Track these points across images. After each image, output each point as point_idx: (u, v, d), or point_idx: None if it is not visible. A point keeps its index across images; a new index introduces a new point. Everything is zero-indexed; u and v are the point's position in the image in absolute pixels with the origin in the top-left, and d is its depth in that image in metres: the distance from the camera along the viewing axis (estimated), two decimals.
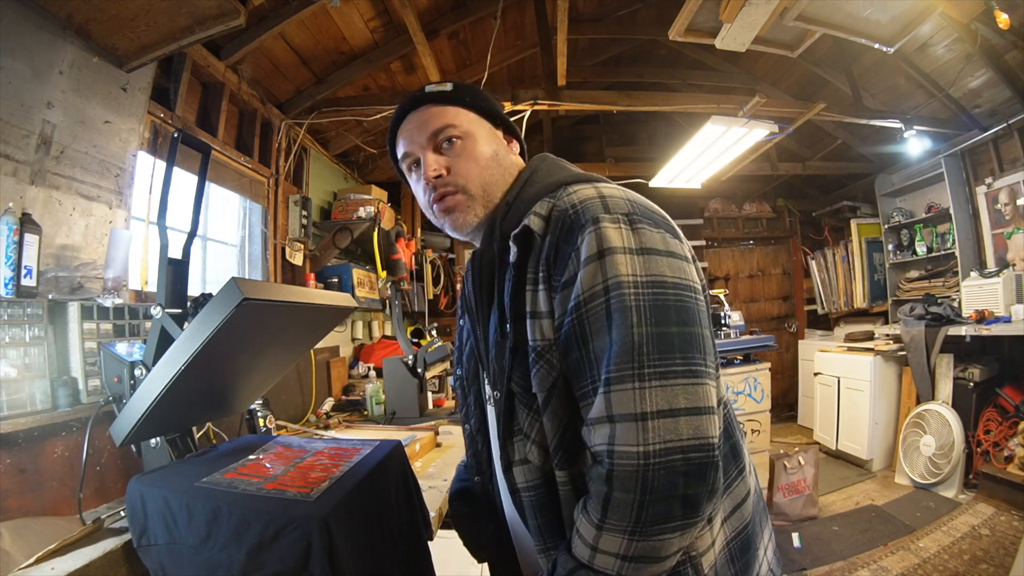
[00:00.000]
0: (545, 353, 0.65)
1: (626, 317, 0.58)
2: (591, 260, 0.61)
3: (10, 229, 1.21)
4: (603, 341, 0.59)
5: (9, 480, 1.18)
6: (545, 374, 0.65)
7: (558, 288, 0.64)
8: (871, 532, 2.83)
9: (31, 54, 1.34)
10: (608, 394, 0.57)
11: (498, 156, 0.79)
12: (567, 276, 0.63)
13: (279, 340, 1.26)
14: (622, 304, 0.59)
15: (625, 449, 0.55)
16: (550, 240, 0.65)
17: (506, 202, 0.75)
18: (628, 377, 0.57)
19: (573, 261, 0.62)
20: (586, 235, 0.62)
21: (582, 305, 0.61)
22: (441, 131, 0.77)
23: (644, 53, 4.14)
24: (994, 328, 3.18)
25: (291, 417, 2.42)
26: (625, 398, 0.56)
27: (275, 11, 2.14)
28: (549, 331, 0.65)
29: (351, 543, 0.84)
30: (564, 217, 0.65)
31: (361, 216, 3.20)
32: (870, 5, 1.95)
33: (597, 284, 0.60)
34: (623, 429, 0.56)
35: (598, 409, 0.58)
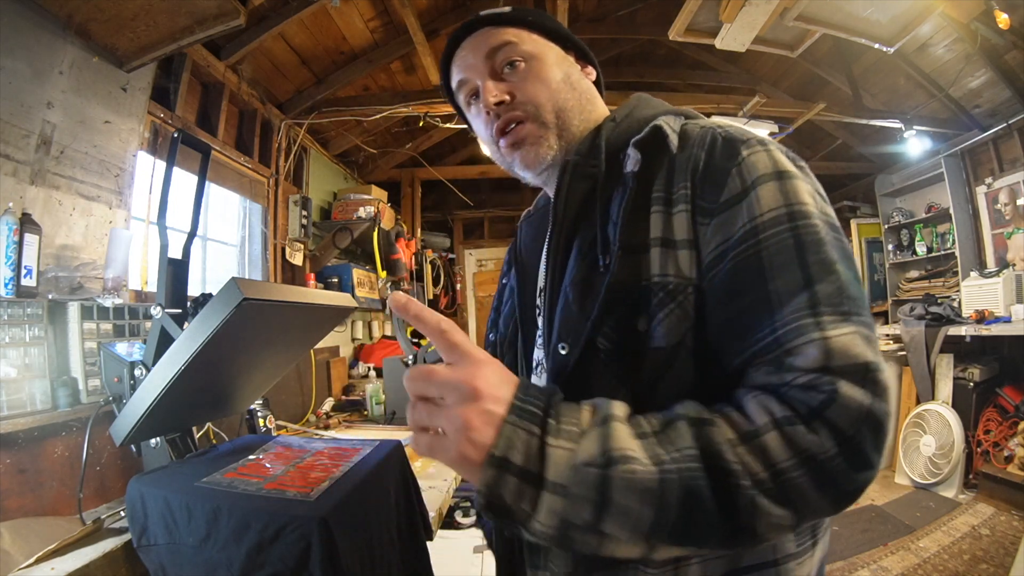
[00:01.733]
0: (679, 294, 0.49)
1: (825, 251, 0.46)
2: (767, 179, 0.49)
3: (10, 229, 1.21)
4: (792, 278, 0.45)
5: (9, 480, 1.18)
6: (677, 321, 0.49)
7: (713, 211, 0.50)
8: (871, 532, 2.83)
9: (31, 54, 1.34)
10: (826, 340, 0.42)
11: (571, 79, 0.65)
12: (728, 194, 0.49)
13: (279, 340, 1.26)
14: (817, 236, 0.46)
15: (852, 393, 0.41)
16: (695, 154, 0.53)
17: (611, 119, 0.63)
18: (844, 320, 0.43)
19: (737, 176, 0.49)
20: (756, 151, 0.51)
21: (760, 230, 0.47)
22: (500, 49, 0.64)
23: (644, 53, 4.13)
24: (994, 328, 3.18)
25: (291, 417, 2.42)
26: (849, 344, 0.42)
27: (275, 11, 2.14)
28: (689, 266, 0.50)
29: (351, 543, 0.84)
30: (711, 134, 0.53)
31: (361, 216, 3.20)
32: (870, 5, 1.95)
33: (779, 206, 0.47)
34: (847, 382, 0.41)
35: (811, 357, 0.42)
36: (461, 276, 5.31)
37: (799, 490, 0.41)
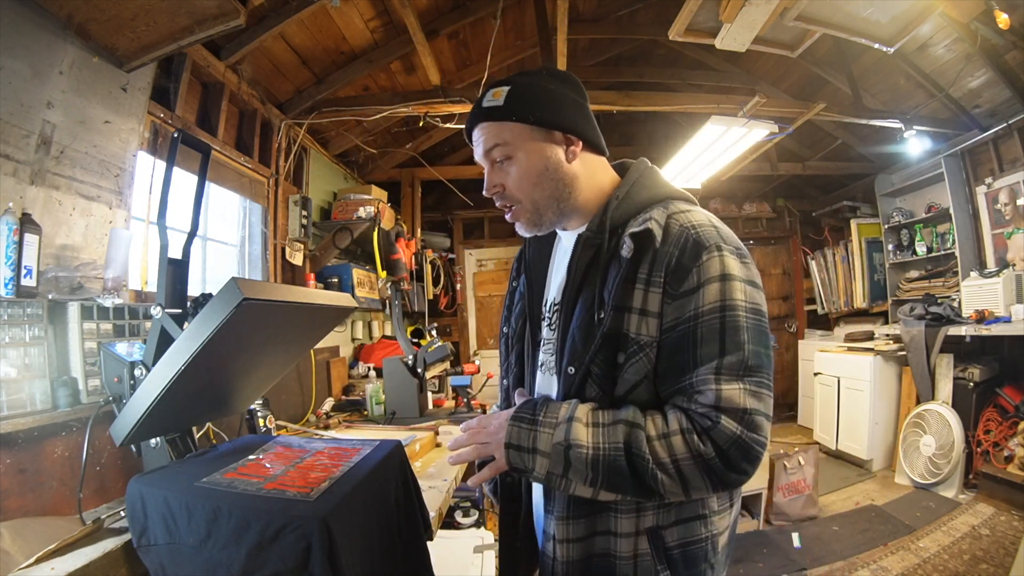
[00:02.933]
0: (646, 347, 0.74)
1: (740, 334, 0.70)
2: (713, 280, 0.72)
3: (10, 229, 1.21)
4: (712, 348, 0.70)
5: (9, 480, 1.18)
6: (642, 366, 0.74)
7: (674, 296, 0.73)
8: (871, 532, 2.83)
9: (31, 54, 1.34)
10: (719, 391, 0.69)
11: (548, 171, 0.82)
12: (686, 287, 0.72)
13: (279, 340, 1.26)
14: (736, 323, 0.71)
15: (728, 426, 0.68)
16: (671, 251, 0.74)
17: (615, 196, 0.82)
18: (736, 379, 0.70)
19: (695, 276, 0.72)
20: (712, 257, 0.73)
21: (701, 316, 0.71)
22: (491, 151, 0.84)
23: (644, 53, 4.14)
24: (994, 328, 3.18)
25: (291, 417, 2.42)
26: (734, 396, 0.69)
27: (275, 11, 2.14)
28: (654, 330, 0.74)
29: (351, 543, 0.84)
30: (686, 234, 0.75)
31: (361, 216, 3.20)
32: (870, 5, 1.95)
33: (716, 301, 0.71)
34: (727, 417, 0.68)
35: (708, 399, 0.69)
36: (461, 276, 5.31)
37: (689, 473, 0.69)
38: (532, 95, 0.83)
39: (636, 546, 0.76)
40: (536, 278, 0.94)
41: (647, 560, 0.76)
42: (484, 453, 0.79)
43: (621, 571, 0.77)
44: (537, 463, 0.72)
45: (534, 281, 0.94)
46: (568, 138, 0.83)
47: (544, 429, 0.73)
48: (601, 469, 0.70)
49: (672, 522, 0.77)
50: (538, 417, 0.74)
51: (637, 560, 0.76)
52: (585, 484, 0.71)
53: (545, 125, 0.83)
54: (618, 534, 0.77)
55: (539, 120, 0.82)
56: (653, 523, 0.77)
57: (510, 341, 0.97)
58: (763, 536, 2.88)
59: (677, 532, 0.77)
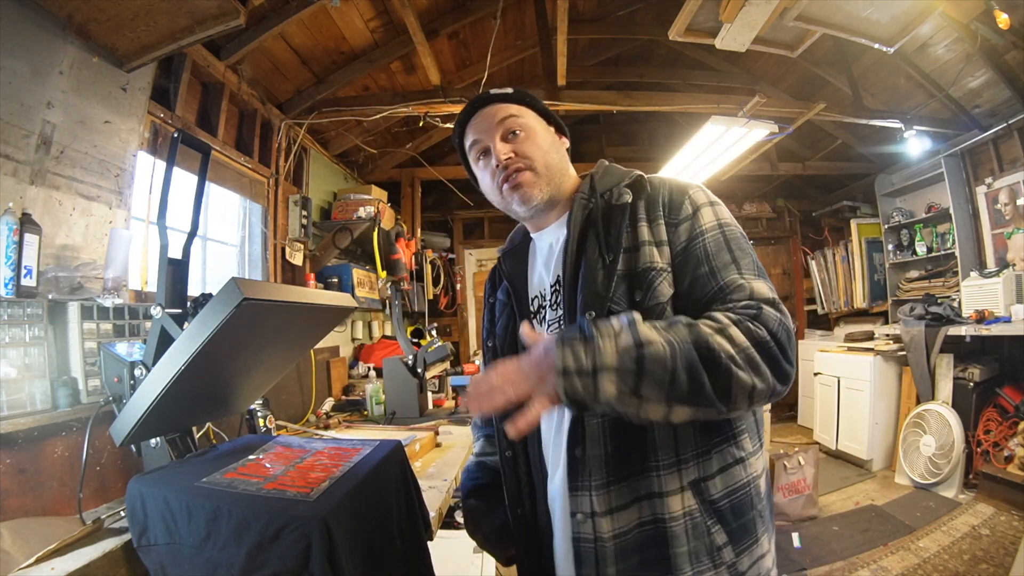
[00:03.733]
0: (664, 271, 0.79)
1: (741, 243, 0.80)
2: (705, 205, 0.83)
3: (10, 229, 1.21)
4: (725, 257, 0.78)
5: (9, 480, 1.18)
6: (665, 288, 0.78)
7: (676, 223, 0.81)
8: (871, 532, 2.83)
9: (31, 54, 1.34)
10: (751, 286, 0.74)
11: (555, 146, 0.93)
12: (684, 214, 0.82)
13: (279, 340, 1.26)
14: (735, 235, 0.81)
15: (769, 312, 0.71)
16: (660, 192, 0.84)
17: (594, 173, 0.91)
18: (757, 277, 0.77)
19: (688, 205, 0.82)
20: (695, 191, 0.84)
21: (706, 233, 0.80)
22: (506, 120, 0.90)
23: (644, 53, 4.14)
24: (994, 328, 3.17)
25: (291, 417, 2.42)
26: (763, 289, 0.75)
27: (275, 11, 2.14)
28: (667, 256, 0.80)
29: (351, 543, 0.84)
30: (669, 181, 0.86)
31: (361, 216, 3.20)
32: (870, 5, 1.95)
33: (712, 220, 0.81)
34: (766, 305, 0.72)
35: (744, 294, 0.74)
36: (461, 276, 5.31)
37: (755, 361, 0.67)
38: (533, 96, 0.97)
39: (684, 503, 0.73)
40: (520, 288, 0.97)
41: (697, 517, 0.73)
42: (522, 392, 0.66)
43: (673, 534, 0.73)
44: (604, 384, 0.63)
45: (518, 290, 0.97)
46: (559, 134, 0.97)
47: (606, 340, 0.64)
48: (681, 368, 0.64)
49: (715, 471, 0.76)
50: (592, 331, 0.65)
51: (687, 519, 0.73)
52: (662, 395, 0.64)
53: (547, 119, 0.96)
54: (663, 493, 0.74)
55: (542, 113, 0.96)
56: (696, 475, 0.75)
57: (498, 352, 0.97)
58: None
59: (720, 482, 0.76)
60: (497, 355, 0.97)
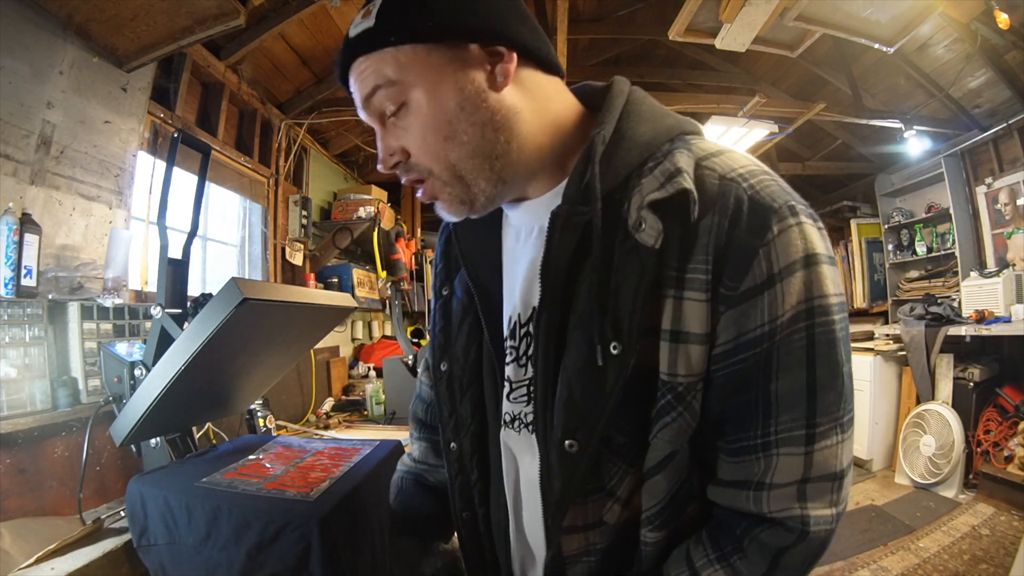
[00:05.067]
0: (687, 395, 0.45)
1: (837, 353, 0.44)
2: (796, 268, 0.43)
3: (10, 229, 1.21)
4: (796, 381, 0.44)
5: (9, 480, 1.18)
6: (684, 426, 0.46)
7: (732, 299, 0.44)
8: (871, 532, 2.83)
9: (31, 54, 1.34)
10: (812, 454, 0.44)
11: (465, 110, 0.49)
12: (751, 282, 0.43)
13: (279, 340, 1.26)
14: (832, 337, 0.44)
15: (821, 514, 0.45)
16: (718, 222, 0.44)
17: (600, 139, 0.49)
18: (833, 431, 0.45)
19: (764, 260, 0.43)
20: (787, 227, 0.44)
21: (777, 332, 0.43)
22: (371, 97, 0.51)
23: (644, 53, 4.13)
24: (994, 328, 3.17)
25: (291, 417, 2.42)
26: (830, 456, 0.45)
27: (275, 11, 2.14)
28: (700, 363, 0.45)
29: (351, 543, 0.84)
30: (736, 195, 0.45)
31: (361, 216, 3.20)
32: (870, 5, 1.95)
33: (800, 303, 0.43)
34: (818, 491, 0.45)
35: (791, 471, 0.44)
36: None
37: None
38: (410, 13, 0.48)
39: None
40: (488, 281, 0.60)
41: None
42: None
43: None
44: None
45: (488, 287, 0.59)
46: (492, 51, 0.49)
47: None
48: None
49: None
50: None
51: None
52: None
53: (447, 37, 0.48)
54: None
55: (434, 32, 0.48)
56: None
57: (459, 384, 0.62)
58: None
59: None
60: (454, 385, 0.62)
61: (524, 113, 0.51)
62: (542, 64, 0.53)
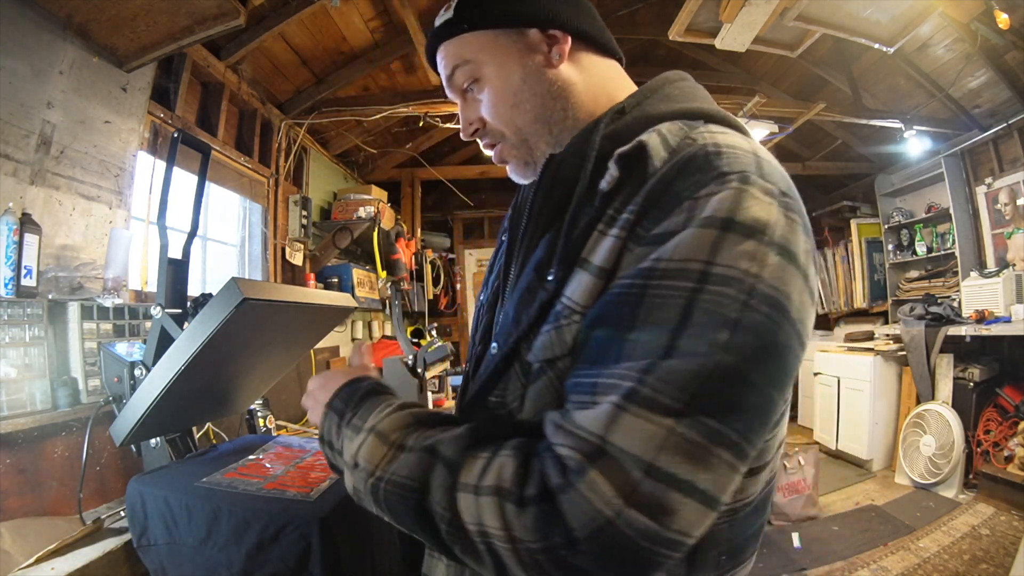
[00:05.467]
0: (563, 317, 0.47)
1: (717, 329, 0.38)
2: (711, 224, 0.41)
3: (10, 229, 1.22)
4: (657, 338, 0.39)
5: (9, 480, 1.18)
6: (550, 343, 0.48)
7: (642, 241, 0.44)
8: (871, 532, 2.83)
9: (31, 54, 1.34)
10: (623, 411, 0.38)
11: (527, 83, 0.58)
12: (665, 228, 0.42)
13: (279, 340, 1.26)
14: (720, 309, 0.39)
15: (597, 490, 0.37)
16: (664, 173, 0.45)
17: (617, 110, 0.56)
18: (670, 409, 0.37)
19: (684, 210, 0.42)
20: (726, 187, 0.42)
21: (655, 275, 0.41)
22: (452, 77, 0.62)
23: (644, 53, 4.13)
24: (994, 328, 3.17)
25: (291, 417, 2.42)
26: (646, 435, 0.37)
27: (275, 11, 2.14)
28: (587, 295, 0.46)
29: (351, 543, 0.84)
30: (696, 151, 0.46)
31: (361, 216, 3.20)
32: (870, 5, 1.95)
33: (696, 261, 0.40)
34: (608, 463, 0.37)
35: (594, 419, 0.39)
36: (461, 276, 5.31)
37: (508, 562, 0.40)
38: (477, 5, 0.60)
39: None
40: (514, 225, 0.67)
41: None
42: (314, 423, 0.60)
43: None
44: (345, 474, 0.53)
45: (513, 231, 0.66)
46: (549, 35, 0.59)
47: (348, 432, 0.54)
48: (386, 510, 0.49)
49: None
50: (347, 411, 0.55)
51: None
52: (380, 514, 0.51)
53: (511, 23, 0.59)
54: None
55: (500, 19, 0.59)
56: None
57: (480, 312, 0.69)
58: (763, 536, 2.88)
59: None
60: (479, 313, 0.69)
61: (578, 87, 0.60)
62: (598, 47, 0.64)
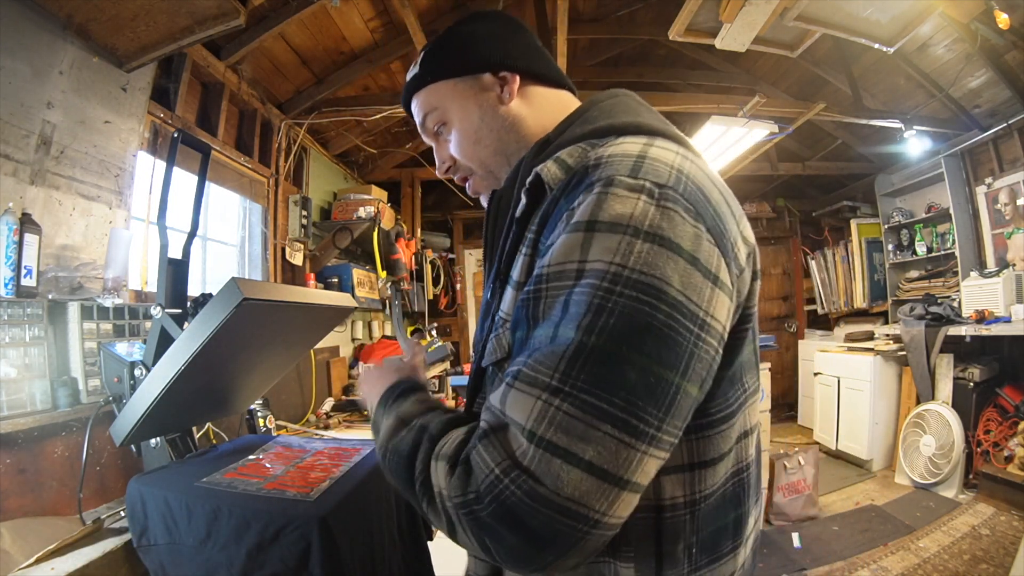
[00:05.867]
0: (499, 327, 0.55)
1: (579, 316, 0.43)
2: (578, 228, 0.46)
3: (10, 229, 1.22)
4: (546, 331, 0.45)
5: (9, 480, 1.18)
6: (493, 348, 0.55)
7: (542, 252, 0.50)
8: (871, 532, 2.83)
9: (31, 54, 1.34)
10: (511, 389, 0.45)
11: (484, 121, 0.67)
12: (551, 239, 0.49)
13: (279, 340, 1.26)
14: (584, 298, 0.44)
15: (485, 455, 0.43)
16: (555, 195, 0.52)
17: (544, 140, 0.62)
18: (548, 386, 0.42)
19: (563, 220, 0.48)
20: (589, 193, 0.47)
21: (543, 280, 0.47)
22: (425, 122, 0.72)
23: (644, 53, 4.13)
24: (994, 328, 3.18)
25: (291, 417, 2.42)
26: (527, 405, 0.43)
27: (275, 11, 2.14)
28: (511, 304, 0.54)
29: (351, 543, 0.84)
30: (584, 166, 0.51)
31: (361, 216, 3.20)
32: (870, 5, 1.95)
33: (571, 262, 0.46)
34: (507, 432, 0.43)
35: (497, 396, 0.46)
36: (461, 276, 5.31)
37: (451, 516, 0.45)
38: (447, 46, 0.69)
39: None
40: None
41: None
42: None
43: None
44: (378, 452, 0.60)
45: None
46: (500, 76, 0.67)
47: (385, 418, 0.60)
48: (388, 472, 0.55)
49: None
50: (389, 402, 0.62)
51: None
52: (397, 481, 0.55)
53: (467, 71, 0.68)
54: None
55: (458, 68, 0.68)
56: None
57: None
58: (763, 536, 2.88)
59: None
60: None
61: (528, 120, 0.68)
62: (547, 81, 0.71)
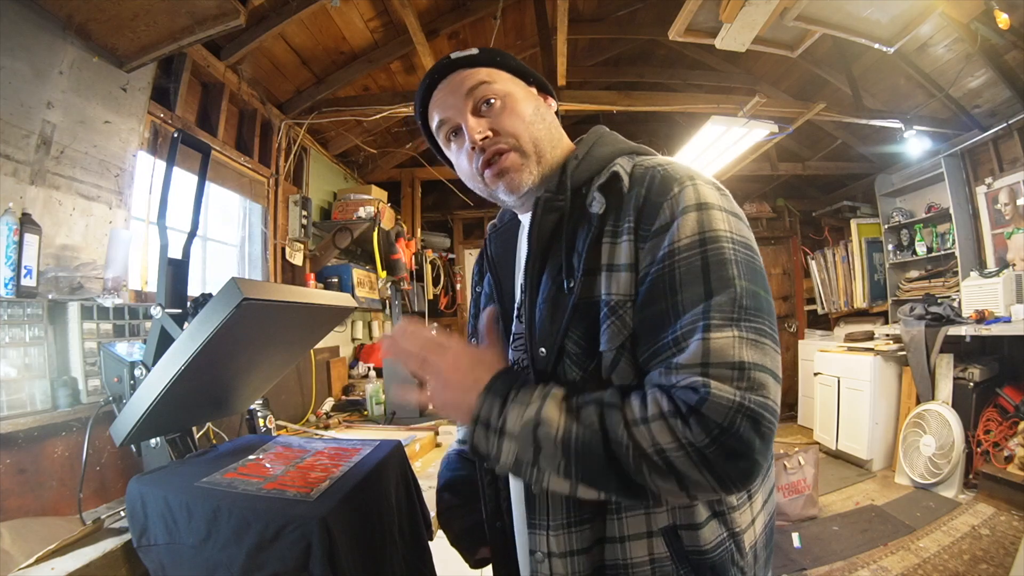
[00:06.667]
0: (619, 308, 0.62)
1: (727, 268, 0.58)
2: (690, 209, 0.60)
3: (10, 229, 1.22)
4: (695, 291, 0.57)
5: (9, 480, 1.18)
6: (616, 331, 0.62)
7: (647, 237, 0.61)
8: (871, 532, 2.83)
9: (31, 54, 1.34)
10: (707, 340, 0.54)
11: (540, 112, 0.75)
12: (659, 223, 0.61)
13: (279, 340, 1.26)
14: (722, 256, 0.58)
15: (722, 388, 0.53)
16: (637, 191, 0.64)
17: (575, 156, 0.72)
18: (729, 325, 0.55)
19: (667, 209, 0.61)
20: (685, 187, 0.62)
21: (676, 252, 0.59)
22: (476, 88, 0.72)
23: (644, 53, 4.13)
24: (994, 328, 3.17)
25: (291, 417, 2.42)
26: (726, 346, 0.54)
27: (275, 11, 2.14)
28: (627, 286, 0.62)
29: (351, 543, 0.84)
30: (653, 172, 0.65)
31: (361, 216, 3.20)
32: (870, 5, 1.95)
33: (695, 234, 0.59)
34: (718, 373, 0.53)
35: (692, 356, 0.55)
36: (461, 276, 5.31)
37: (683, 467, 0.53)
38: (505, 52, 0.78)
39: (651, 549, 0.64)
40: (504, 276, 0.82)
41: (667, 566, 0.63)
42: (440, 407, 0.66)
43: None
44: (504, 448, 0.59)
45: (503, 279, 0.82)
46: (543, 94, 0.80)
47: (516, 408, 0.60)
48: (573, 454, 0.56)
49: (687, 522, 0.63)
50: (512, 394, 0.61)
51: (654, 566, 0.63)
52: (559, 474, 0.58)
53: (526, 79, 0.78)
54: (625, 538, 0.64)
55: (518, 72, 0.77)
56: (668, 522, 0.64)
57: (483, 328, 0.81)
58: None
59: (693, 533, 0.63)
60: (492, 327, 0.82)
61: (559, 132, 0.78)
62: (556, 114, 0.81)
